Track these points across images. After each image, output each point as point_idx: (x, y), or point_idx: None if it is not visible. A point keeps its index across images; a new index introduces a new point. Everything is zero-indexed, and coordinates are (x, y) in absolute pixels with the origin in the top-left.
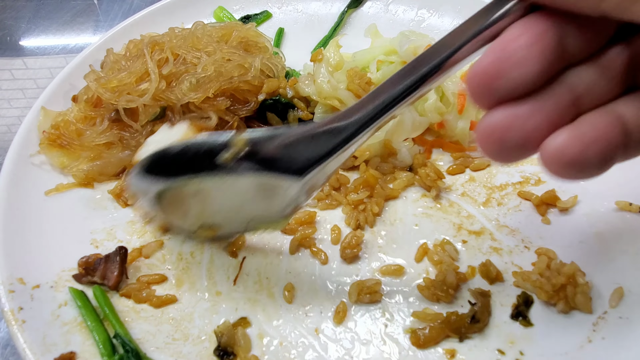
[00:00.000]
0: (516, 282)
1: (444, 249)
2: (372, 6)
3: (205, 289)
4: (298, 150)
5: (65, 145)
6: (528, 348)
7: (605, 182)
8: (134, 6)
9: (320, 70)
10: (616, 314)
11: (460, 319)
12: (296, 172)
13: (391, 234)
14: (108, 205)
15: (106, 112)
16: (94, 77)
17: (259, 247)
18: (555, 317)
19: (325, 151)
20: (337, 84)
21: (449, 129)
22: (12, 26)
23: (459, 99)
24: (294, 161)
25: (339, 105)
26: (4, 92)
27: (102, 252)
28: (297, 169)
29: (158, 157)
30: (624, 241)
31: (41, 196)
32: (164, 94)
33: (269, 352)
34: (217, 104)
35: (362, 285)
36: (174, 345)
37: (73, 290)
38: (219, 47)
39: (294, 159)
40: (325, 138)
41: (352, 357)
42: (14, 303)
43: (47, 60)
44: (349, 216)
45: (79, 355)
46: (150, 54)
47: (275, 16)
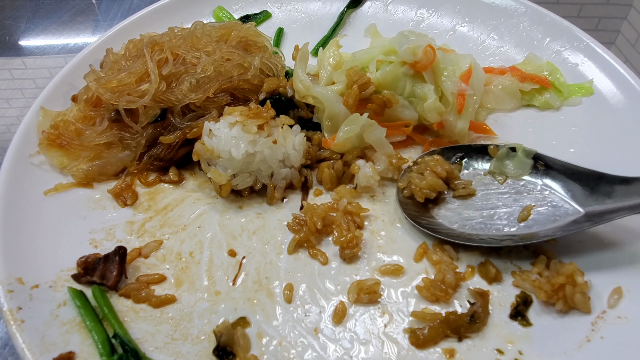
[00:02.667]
0: (515, 282)
1: (443, 249)
2: (372, 6)
3: (204, 289)
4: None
5: (64, 145)
6: (527, 348)
7: None
8: (133, 6)
9: (297, 71)
10: (615, 313)
11: (459, 318)
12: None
13: (391, 234)
14: (107, 205)
15: (106, 112)
16: (94, 77)
17: (259, 247)
18: (554, 316)
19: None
20: (309, 84)
21: (449, 129)
22: (11, 26)
23: (458, 99)
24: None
25: (314, 103)
26: (3, 92)
27: (101, 252)
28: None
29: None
30: (623, 241)
31: (40, 196)
32: (164, 95)
33: (268, 351)
34: (218, 100)
35: (362, 285)
36: (173, 345)
37: (72, 290)
38: (218, 46)
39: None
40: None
41: (352, 356)
42: (13, 303)
43: (46, 60)
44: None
45: (78, 355)
46: (150, 54)
47: (275, 16)
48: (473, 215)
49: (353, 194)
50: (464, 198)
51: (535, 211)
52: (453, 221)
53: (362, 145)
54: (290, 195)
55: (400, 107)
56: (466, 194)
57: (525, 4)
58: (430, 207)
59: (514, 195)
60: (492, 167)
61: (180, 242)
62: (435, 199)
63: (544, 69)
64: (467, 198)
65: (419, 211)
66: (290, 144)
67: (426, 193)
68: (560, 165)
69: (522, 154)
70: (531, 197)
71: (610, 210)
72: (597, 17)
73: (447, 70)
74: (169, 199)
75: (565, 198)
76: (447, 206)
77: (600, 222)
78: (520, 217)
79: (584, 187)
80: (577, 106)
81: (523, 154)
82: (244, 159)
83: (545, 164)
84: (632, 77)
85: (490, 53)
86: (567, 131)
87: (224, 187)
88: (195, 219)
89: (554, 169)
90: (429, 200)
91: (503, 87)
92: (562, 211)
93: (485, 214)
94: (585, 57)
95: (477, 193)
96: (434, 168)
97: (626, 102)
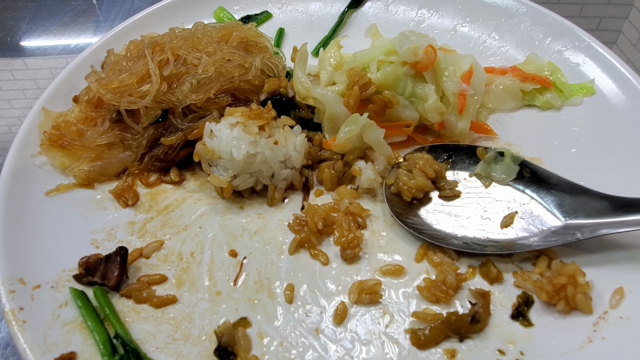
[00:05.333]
0: (516, 282)
1: (443, 250)
2: (373, 6)
3: (205, 289)
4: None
5: (66, 145)
6: (528, 348)
7: (605, 182)
8: (134, 7)
9: (297, 72)
10: (616, 314)
11: (460, 319)
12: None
13: (391, 234)
14: (108, 205)
15: (107, 113)
16: (95, 78)
17: (260, 248)
18: (556, 317)
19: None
20: (310, 85)
21: (449, 129)
22: (13, 27)
23: (459, 99)
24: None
25: (314, 104)
26: (5, 93)
27: (103, 253)
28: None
29: None
30: (625, 242)
31: (42, 196)
32: (165, 96)
33: (269, 352)
34: (219, 101)
35: (363, 286)
36: (174, 345)
37: (73, 290)
38: (219, 47)
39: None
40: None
41: (353, 357)
42: (15, 303)
43: (47, 60)
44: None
45: (80, 355)
46: (151, 54)
47: (276, 16)
48: (457, 217)
49: (354, 194)
50: (450, 199)
51: (518, 218)
52: (438, 222)
53: (362, 145)
54: (291, 195)
55: (401, 108)
56: (452, 195)
57: (526, 4)
58: (415, 205)
59: (498, 200)
60: (479, 170)
61: (182, 243)
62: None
63: (545, 69)
64: (453, 199)
65: (405, 209)
66: (291, 145)
67: (414, 193)
68: (546, 174)
69: (510, 160)
70: (515, 203)
71: (589, 225)
72: (598, 17)
73: (448, 70)
74: (170, 199)
75: (547, 207)
76: (433, 206)
77: (577, 238)
78: (503, 223)
79: (566, 198)
80: (579, 106)
81: (511, 159)
82: (245, 159)
83: (531, 172)
84: (634, 77)
85: (491, 53)
86: (569, 131)
87: (225, 189)
88: (196, 220)
89: (539, 178)
90: (414, 198)
91: (504, 87)
92: (542, 220)
93: (469, 216)
94: (586, 57)
95: (461, 195)
96: (423, 168)
97: (627, 102)
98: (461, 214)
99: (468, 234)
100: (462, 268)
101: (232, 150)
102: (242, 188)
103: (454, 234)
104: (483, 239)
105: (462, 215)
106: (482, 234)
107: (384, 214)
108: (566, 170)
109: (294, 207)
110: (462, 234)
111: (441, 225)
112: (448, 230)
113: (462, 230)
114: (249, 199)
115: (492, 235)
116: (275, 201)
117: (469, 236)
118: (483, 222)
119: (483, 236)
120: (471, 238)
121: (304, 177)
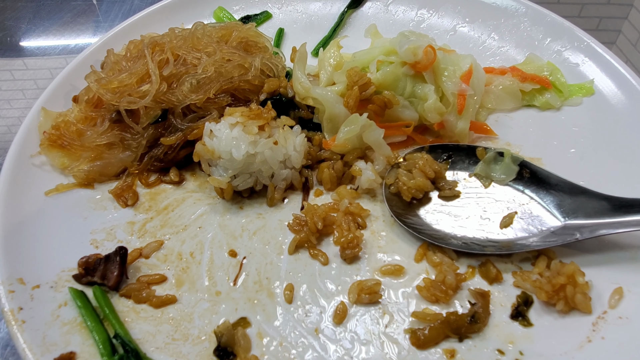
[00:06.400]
0: (516, 282)
1: (443, 250)
2: (372, 7)
3: (205, 289)
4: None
5: (65, 145)
6: (528, 348)
7: (605, 182)
8: (134, 7)
9: (296, 72)
10: (616, 313)
11: (460, 319)
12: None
13: (391, 234)
14: (108, 205)
15: (107, 113)
16: (95, 78)
17: (259, 248)
18: (555, 317)
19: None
20: (309, 85)
21: (449, 129)
22: (12, 27)
23: (458, 99)
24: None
25: (314, 104)
26: (4, 93)
27: (102, 252)
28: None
29: None
30: (624, 241)
31: (41, 196)
32: (165, 96)
33: (268, 352)
34: (218, 101)
35: (362, 286)
36: (174, 345)
37: (73, 290)
38: (219, 47)
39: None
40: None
41: (352, 357)
42: (14, 303)
43: (47, 60)
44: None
45: (79, 355)
46: (150, 54)
47: (275, 16)
48: (457, 217)
49: (354, 194)
50: (449, 199)
51: (517, 218)
52: (437, 222)
53: (362, 145)
54: (290, 195)
55: (401, 108)
56: (452, 195)
57: (525, 4)
58: (415, 205)
59: (498, 201)
60: (479, 170)
61: (181, 243)
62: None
63: (545, 69)
64: (452, 199)
65: (405, 209)
66: (291, 145)
67: (414, 193)
68: (546, 175)
69: (509, 160)
70: (514, 204)
71: (588, 225)
72: (597, 17)
73: (448, 70)
74: (169, 199)
75: (546, 208)
76: (432, 206)
77: (577, 238)
78: (503, 223)
79: (566, 199)
80: (578, 106)
81: (510, 160)
82: (245, 159)
83: (531, 172)
84: (633, 77)
85: (491, 53)
86: (568, 131)
87: (226, 190)
88: (196, 220)
89: (539, 178)
90: (414, 198)
91: (504, 87)
92: (542, 220)
93: (469, 217)
94: (586, 57)
95: (461, 195)
96: (423, 168)
97: (627, 102)
98: (461, 214)
99: (467, 234)
100: (461, 268)
101: (231, 150)
102: (242, 188)
103: (453, 234)
104: (482, 239)
105: (461, 215)
106: (481, 234)
107: (384, 214)
108: (565, 171)
109: (293, 207)
110: (461, 234)
111: (441, 225)
112: (447, 230)
113: (461, 230)
114: (249, 199)
115: (491, 235)
116: (275, 201)
117: (469, 236)
118: (482, 222)
119: (482, 236)
120: (471, 238)
121: (303, 177)
